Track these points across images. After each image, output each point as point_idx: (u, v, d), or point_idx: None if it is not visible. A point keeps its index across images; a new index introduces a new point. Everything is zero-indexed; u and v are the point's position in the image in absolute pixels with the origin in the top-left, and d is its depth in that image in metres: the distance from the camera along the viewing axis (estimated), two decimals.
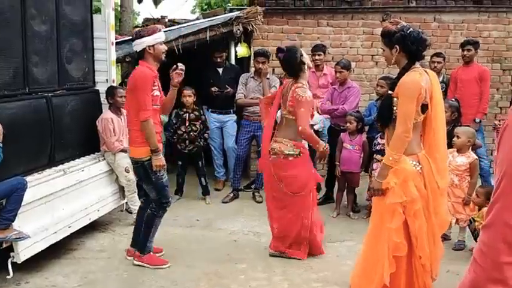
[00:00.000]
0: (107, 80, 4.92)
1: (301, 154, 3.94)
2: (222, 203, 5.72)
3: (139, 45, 3.69)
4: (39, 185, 3.81)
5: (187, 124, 5.61)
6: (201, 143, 5.69)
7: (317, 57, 5.88)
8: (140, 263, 3.85)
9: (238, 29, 6.02)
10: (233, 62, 6.48)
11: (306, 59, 3.98)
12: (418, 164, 3.04)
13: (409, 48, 2.96)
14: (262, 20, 6.20)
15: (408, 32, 2.96)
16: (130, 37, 6.20)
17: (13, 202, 3.35)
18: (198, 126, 5.64)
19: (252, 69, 5.93)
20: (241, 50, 6.33)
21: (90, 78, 4.81)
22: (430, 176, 3.04)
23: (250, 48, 6.37)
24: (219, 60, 6.08)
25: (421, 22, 6.65)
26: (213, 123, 6.06)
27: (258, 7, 6.15)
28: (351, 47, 6.64)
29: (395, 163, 2.98)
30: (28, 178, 3.73)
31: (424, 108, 3.02)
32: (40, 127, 3.98)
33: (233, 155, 6.00)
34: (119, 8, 12.31)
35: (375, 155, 4.99)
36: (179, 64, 3.81)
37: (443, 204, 3.17)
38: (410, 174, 2.99)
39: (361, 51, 6.67)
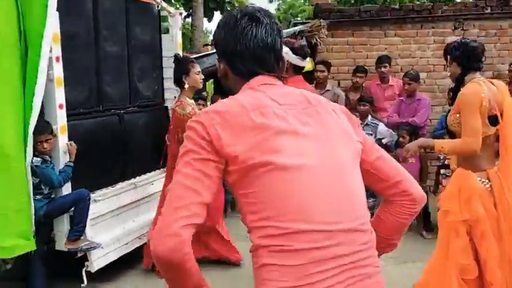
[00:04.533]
0: (175, 97, 5.08)
1: None
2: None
3: None
4: (112, 197, 4.01)
5: None
6: None
7: (382, 69, 5.73)
8: None
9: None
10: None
11: (192, 80, 3.87)
12: (487, 181, 2.82)
13: (455, 55, 2.91)
14: (327, 33, 6.16)
15: (457, 41, 2.98)
16: (199, 54, 6.42)
17: (79, 214, 3.52)
18: None
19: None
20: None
21: (159, 96, 4.99)
22: (501, 194, 2.79)
23: (314, 61, 6.33)
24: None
25: (497, 29, 6.30)
26: None
27: (321, 20, 6.12)
28: (420, 57, 6.40)
29: (440, 151, 2.92)
30: (101, 191, 3.94)
31: (493, 119, 2.82)
32: (113, 143, 4.18)
33: None
34: (190, 28, 12.80)
35: (443, 170, 4.76)
36: None
37: None
38: (476, 191, 2.79)
39: (432, 61, 6.40)
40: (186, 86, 3.84)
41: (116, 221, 3.98)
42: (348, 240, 1.20)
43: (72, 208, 3.55)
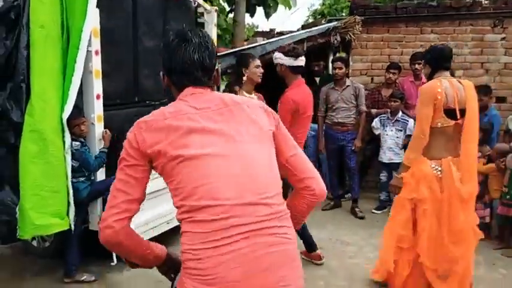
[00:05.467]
0: None
1: None
2: (321, 210, 5.79)
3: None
4: None
5: None
6: None
7: (416, 66, 5.69)
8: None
9: (336, 39, 6.07)
10: (331, 72, 6.52)
11: (252, 72, 3.97)
12: (439, 168, 3.22)
13: (426, 58, 3.41)
14: (361, 29, 6.17)
15: (431, 47, 3.50)
16: (232, 50, 6.60)
17: None
18: None
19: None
20: None
21: None
22: (449, 181, 3.18)
23: (348, 58, 6.36)
24: (316, 68, 6.16)
25: None
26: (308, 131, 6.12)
27: (356, 16, 6.13)
28: (457, 55, 6.28)
29: (412, 162, 3.27)
30: None
31: (452, 113, 3.18)
32: None
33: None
34: (232, 23, 12.98)
35: None
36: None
37: (462, 213, 3.21)
38: (426, 175, 3.22)
39: (469, 59, 6.28)
40: (245, 78, 4.02)
41: (146, 205, 4.16)
42: (247, 213, 1.45)
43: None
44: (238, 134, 1.52)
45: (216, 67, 1.66)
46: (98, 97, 3.78)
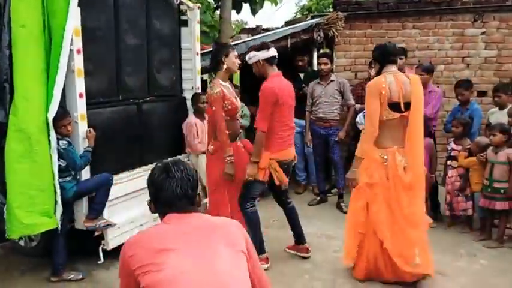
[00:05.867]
0: (192, 87, 5.28)
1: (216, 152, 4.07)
2: (308, 205, 5.84)
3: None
4: (129, 181, 4.27)
5: None
6: None
7: (398, 61, 5.73)
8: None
9: (319, 35, 6.11)
10: (315, 68, 6.57)
11: (231, 61, 4.02)
12: (385, 156, 3.48)
13: (375, 55, 3.70)
14: (344, 25, 6.23)
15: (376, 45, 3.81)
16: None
17: (101, 195, 3.81)
18: None
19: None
20: None
21: (177, 87, 5.21)
22: (393, 169, 3.45)
23: (332, 53, 6.41)
24: (300, 64, 6.20)
25: None
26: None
27: (339, 13, 6.18)
28: (439, 50, 6.39)
29: (365, 153, 3.51)
30: (120, 175, 4.20)
31: (397, 106, 3.41)
32: (131, 131, 4.42)
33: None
34: (218, 19, 12.98)
35: (449, 161, 4.82)
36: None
37: (406, 199, 3.44)
38: (374, 162, 3.49)
39: (450, 54, 6.38)
40: (225, 66, 4.04)
41: (132, 203, 4.24)
42: None
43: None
44: (215, 252, 1.71)
45: (198, 192, 1.86)
46: (80, 96, 3.77)
